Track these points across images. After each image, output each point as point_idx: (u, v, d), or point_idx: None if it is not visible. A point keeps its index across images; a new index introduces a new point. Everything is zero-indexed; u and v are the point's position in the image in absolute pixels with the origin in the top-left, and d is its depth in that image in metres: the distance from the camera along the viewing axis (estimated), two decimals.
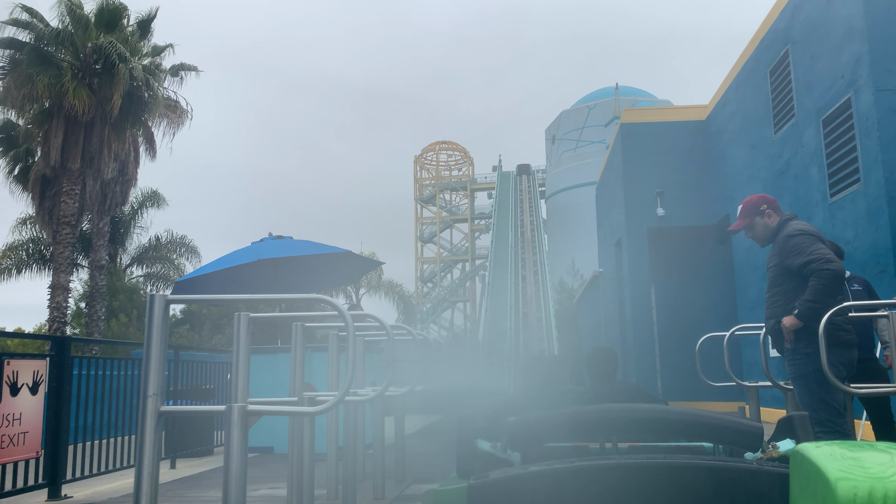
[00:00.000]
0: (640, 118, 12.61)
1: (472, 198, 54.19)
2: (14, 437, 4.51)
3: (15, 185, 19.91)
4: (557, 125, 39.14)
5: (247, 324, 2.37)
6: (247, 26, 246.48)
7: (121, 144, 18.78)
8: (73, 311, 23.35)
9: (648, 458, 1.97)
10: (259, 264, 7.69)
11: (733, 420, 2.25)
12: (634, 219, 11.91)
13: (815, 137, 7.55)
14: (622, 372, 12.21)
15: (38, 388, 4.76)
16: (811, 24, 7.60)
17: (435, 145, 55.82)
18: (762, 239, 4.01)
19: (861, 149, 6.56)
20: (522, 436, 2.38)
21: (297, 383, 3.38)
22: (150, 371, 2.21)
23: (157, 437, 2.24)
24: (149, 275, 26.50)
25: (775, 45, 8.68)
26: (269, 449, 7.48)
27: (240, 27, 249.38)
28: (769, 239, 3.98)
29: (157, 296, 2.24)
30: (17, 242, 23.24)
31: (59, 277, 17.93)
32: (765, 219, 3.96)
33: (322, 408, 2.29)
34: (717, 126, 11.26)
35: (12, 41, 18.04)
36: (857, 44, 6.53)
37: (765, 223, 3.96)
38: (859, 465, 1.10)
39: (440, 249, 53.99)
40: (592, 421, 2.28)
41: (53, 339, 5.28)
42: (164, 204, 25.06)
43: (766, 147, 9.13)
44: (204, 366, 7.78)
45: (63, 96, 17.30)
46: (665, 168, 11.85)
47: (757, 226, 3.98)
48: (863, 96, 6.48)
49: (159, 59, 20.46)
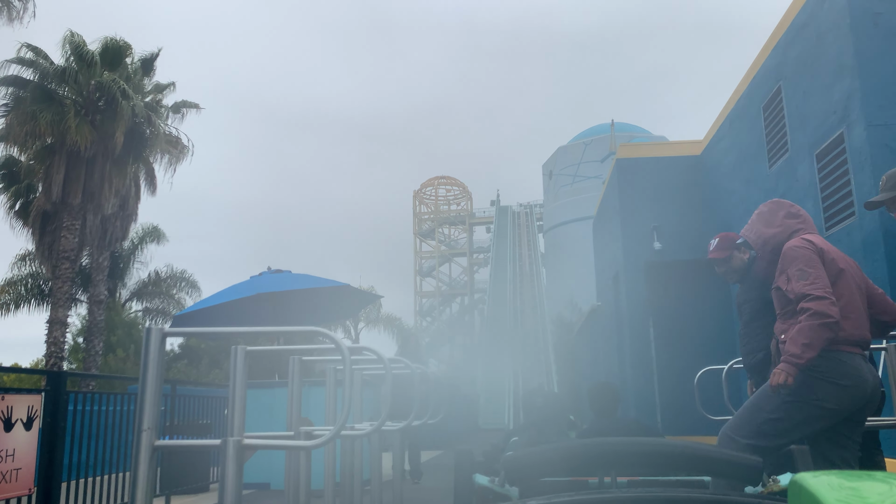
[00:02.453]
0: (635, 153, 12.74)
1: (471, 232, 54.40)
2: (7, 473, 4.45)
3: (16, 220, 19.98)
4: (554, 161, 39.49)
5: (244, 357, 2.37)
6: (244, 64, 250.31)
7: (122, 180, 18.91)
8: (71, 345, 23.21)
9: (647, 492, 1.95)
10: (258, 298, 7.68)
11: (732, 454, 2.24)
12: (631, 253, 11.94)
13: (810, 171, 7.63)
14: (622, 407, 12.11)
15: (33, 424, 4.72)
16: (803, 61, 7.74)
17: (434, 180, 56.23)
18: (736, 273, 4.06)
19: (855, 182, 6.62)
20: (520, 470, 2.36)
21: (294, 417, 3.36)
22: (146, 404, 2.21)
23: (151, 472, 2.22)
24: (147, 309, 26.42)
25: (768, 82, 8.82)
26: (265, 485, 7.38)
27: (237, 65, 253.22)
28: (741, 274, 4.04)
29: (153, 328, 2.24)
30: (15, 277, 23.23)
31: (58, 312, 17.88)
32: (742, 254, 4.04)
33: (318, 442, 2.28)
34: (712, 161, 11.37)
35: (16, 79, 18.30)
36: (849, 80, 6.64)
37: (742, 258, 4.04)
38: (858, 495, 1.09)
39: (439, 283, 53.96)
40: (591, 455, 2.27)
41: (49, 374, 5.25)
42: (164, 240, 25.13)
43: (760, 182, 9.22)
44: (201, 401, 7.72)
45: (65, 133, 17.49)
46: (661, 202, 11.93)
47: (734, 259, 4.06)
48: (855, 131, 6.57)
49: (161, 97, 20.74)
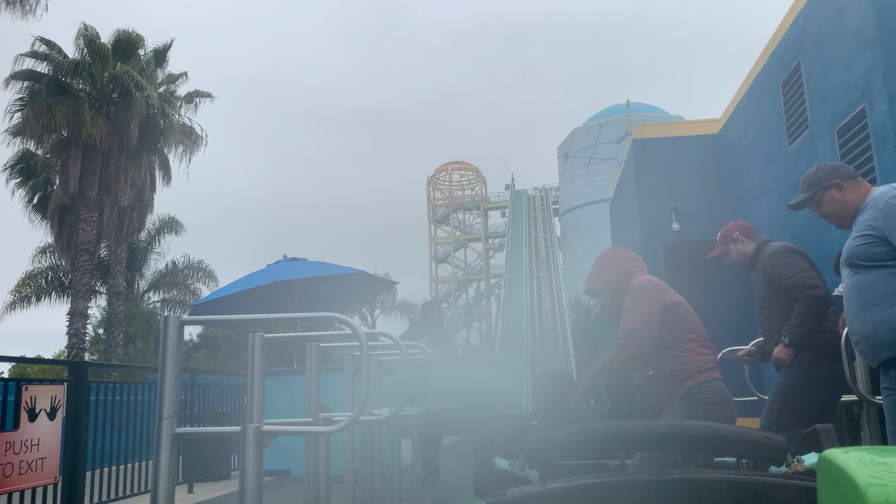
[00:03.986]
0: (652, 133, 12.59)
1: (486, 217, 54.23)
2: (32, 462, 4.51)
3: (34, 214, 20.20)
4: (570, 143, 39.21)
5: (261, 344, 2.37)
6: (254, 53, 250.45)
7: (137, 171, 19.03)
8: (92, 337, 23.52)
9: (670, 473, 1.93)
10: (274, 286, 7.71)
11: (756, 433, 2.20)
12: (649, 234, 11.84)
13: (831, 148, 7.50)
14: None
15: (56, 414, 4.78)
16: (822, 35, 7.58)
17: (448, 165, 56.06)
18: (740, 264, 4.05)
19: (877, 158, 6.49)
20: (540, 453, 2.34)
21: (313, 403, 3.36)
22: (166, 392, 2.21)
23: (172, 459, 2.23)
24: (165, 300, 26.68)
25: (787, 57, 8.66)
26: (286, 472, 7.44)
27: (248, 54, 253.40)
28: (749, 264, 4.02)
29: (171, 317, 2.24)
30: (36, 270, 23.53)
31: (78, 304, 18.11)
32: (738, 245, 4.02)
33: (337, 427, 2.27)
34: (730, 139, 11.21)
35: (31, 73, 18.42)
36: (870, 53, 6.49)
37: (739, 249, 4.02)
38: (890, 471, 1.06)
39: (454, 269, 53.96)
40: (611, 437, 2.24)
41: (71, 364, 5.30)
42: (182, 230, 25.30)
43: (780, 159, 9.07)
44: (221, 389, 7.78)
45: (81, 125, 17.60)
46: (679, 183, 11.79)
47: (731, 252, 4.04)
48: (877, 106, 6.43)
49: (174, 87, 20.80)
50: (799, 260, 3.73)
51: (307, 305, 8.46)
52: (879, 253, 2.73)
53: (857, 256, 2.81)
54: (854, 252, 2.82)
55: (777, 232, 9.08)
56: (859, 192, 2.98)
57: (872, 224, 2.79)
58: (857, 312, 2.81)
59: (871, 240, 2.78)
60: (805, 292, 3.59)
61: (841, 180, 3.02)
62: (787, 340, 3.60)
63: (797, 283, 3.62)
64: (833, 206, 3.03)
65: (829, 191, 3.04)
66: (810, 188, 3.11)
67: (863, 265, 2.79)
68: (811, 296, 3.57)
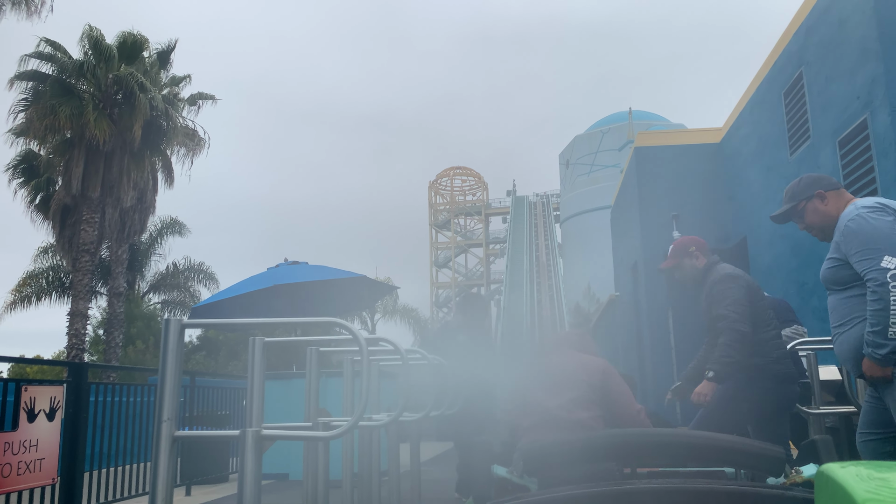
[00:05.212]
0: (654, 142, 12.61)
1: (487, 222, 54.26)
2: (30, 463, 4.51)
3: (36, 214, 20.23)
4: (571, 150, 39.23)
5: (261, 348, 2.37)
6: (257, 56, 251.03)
7: (140, 173, 19.06)
8: (92, 337, 23.52)
9: (668, 482, 1.93)
10: (275, 290, 7.72)
11: (754, 444, 2.20)
12: (650, 242, 11.84)
13: (832, 158, 7.50)
14: (640, 398, 12.04)
15: (55, 415, 4.78)
16: (825, 46, 7.60)
17: (449, 171, 56.11)
18: (691, 279, 4.04)
19: (878, 169, 6.50)
20: (539, 461, 2.34)
21: (312, 408, 3.36)
22: (165, 395, 2.21)
23: (171, 462, 2.23)
24: (166, 301, 26.68)
25: (789, 68, 8.67)
26: (284, 476, 7.43)
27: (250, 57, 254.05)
28: (696, 280, 3.98)
29: (172, 319, 2.25)
30: (37, 270, 23.55)
31: (78, 304, 18.11)
32: (692, 260, 4.01)
33: (336, 432, 2.27)
34: (731, 149, 11.22)
35: (35, 73, 18.47)
36: (872, 65, 6.51)
37: (692, 264, 4.00)
38: (887, 486, 1.07)
39: (455, 274, 53.94)
40: (611, 446, 2.25)
41: (70, 365, 5.31)
42: (186, 232, 25.29)
43: (782, 169, 9.07)
44: (220, 392, 7.78)
45: (84, 126, 17.64)
46: (680, 191, 11.80)
47: (684, 266, 4.03)
48: (879, 117, 6.44)
49: (178, 89, 20.85)
50: (737, 290, 3.66)
51: (308, 309, 8.46)
52: (844, 277, 2.79)
53: (826, 280, 2.91)
54: (824, 275, 2.92)
55: (778, 241, 9.08)
56: (841, 203, 2.97)
57: (839, 246, 2.82)
58: (832, 331, 2.95)
59: (836, 263, 2.83)
60: (730, 324, 3.54)
61: (823, 190, 3.00)
62: (712, 374, 3.51)
63: (724, 314, 3.58)
64: (815, 216, 3.02)
65: (812, 201, 3.03)
66: (792, 199, 3.11)
67: (832, 288, 2.90)
68: (736, 329, 3.52)
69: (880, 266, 2.56)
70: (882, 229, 2.64)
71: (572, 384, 3.03)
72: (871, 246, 2.61)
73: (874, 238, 2.63)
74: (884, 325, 2.53)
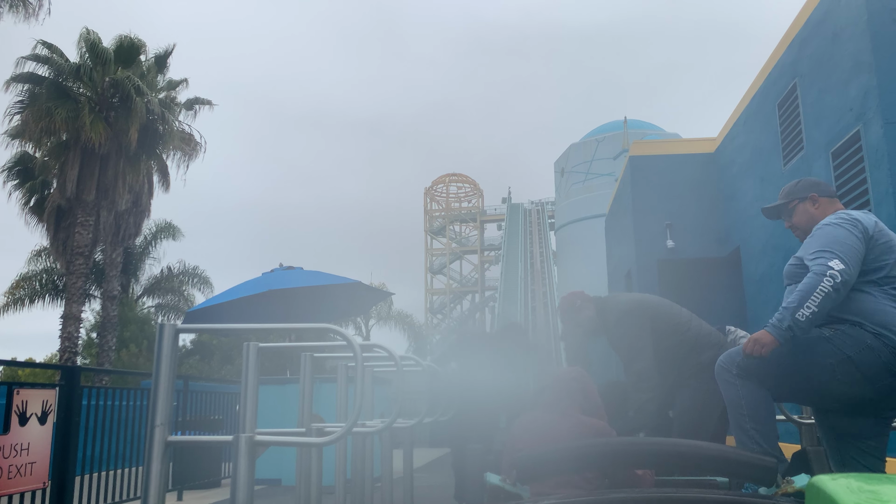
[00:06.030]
0: (649, 151, 12.67)
1: (482, 229, 54.31)
2: (21, 467, 4.49)
3: (30, 216, 20.15)
4: (566, 158, 39.32)
5: (256, 353, 2.37)
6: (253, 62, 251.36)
7: (135, 176, 19.02)
8: (85, 341, 23.41)
9: (661, 492, 1.94)
10: (269, 295, 7.71)
11: (747, 454, 2.21)
12: (644, 251, 11.88)
13: (825, 170, 7.55)
14: None
15: (47, 418, 4.76)
16: (818, 58, 7.66)
17: (445, 177, 56.18)
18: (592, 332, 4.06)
19: (871, 180, 6.55)
20: (532, 469, 2.35)
21: (306, 414, 3.36)
22: (159, 400, 2.21)
23: (163, 467, 2.23)
24: (160, 305, 26.58)
25: (783, 79, 8.74)
26: (276, 481, 7.41)
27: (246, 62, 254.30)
28: (597, 330, 4.02)
29: (166, 325, 2.25)
30: (30, 273, 23.44)
31: (72, 307, 18.04)
32: (587, 311, 4.02)
33: (329, 439, 2.27)
34: (725, 158, 11.28)
35: (32, 76, 18.44)
36: (866, 77, 6.56)
37: (589, 316, 4.02)
38: (877, 498, 1.08)
39: (450, 280, 53.94)
40: (602, 455, 2.25)
41: (63, 368, 5.28)
42: (179, 235, 25.20)
43: (775, 180, 9.12)
44: (213, 396, 7.76)
45: (80, 129, 17.61)
46: (675, 200, 11.85)
47: (581, 321, 4.03)
48: (872, 129, 6.49)
49: (174, 94, 20.83)
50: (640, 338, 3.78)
51: (302, 315, 8.45)
52: (800, 276, 2.83)
53: (786, 275, 2.98)
54: (785, 271, 3.00)
55: (771, 252, 9.12)
56: (829, 211, 3.02)
57: (805, 247, 2.87)
58: None
59: (798, 261, 2.89)
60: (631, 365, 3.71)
61: (818, 195, 3.06)
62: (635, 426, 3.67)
63: (634, 375, 3.71)
64: (803, 217, 3.07)
65: (804, 202, 3.08)
66: (787, 196, 3.16)
67: (788, 285, 2.96)
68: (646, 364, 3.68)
69: (827, 263, 2.63)
70: (844, 239, 2.70)
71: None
72: (828, 249, 2.68)
73: (832, 243, 2.70)
74: (798, 305, 2.60)
